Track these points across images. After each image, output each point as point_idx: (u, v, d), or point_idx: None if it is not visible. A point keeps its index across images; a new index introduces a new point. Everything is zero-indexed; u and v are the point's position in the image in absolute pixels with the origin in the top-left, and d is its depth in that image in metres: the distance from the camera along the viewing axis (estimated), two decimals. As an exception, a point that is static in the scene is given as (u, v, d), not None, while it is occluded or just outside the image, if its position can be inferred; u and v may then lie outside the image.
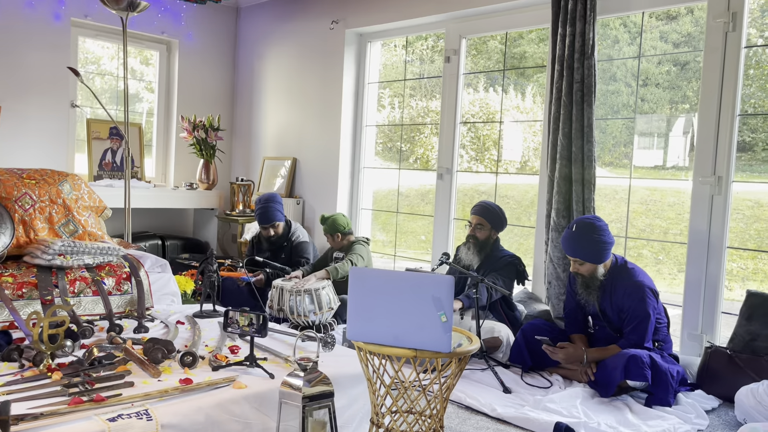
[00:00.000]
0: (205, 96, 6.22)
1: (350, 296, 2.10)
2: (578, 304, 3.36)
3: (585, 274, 3.22)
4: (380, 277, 2.08)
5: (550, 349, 3.22)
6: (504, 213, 3.93)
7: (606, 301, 3.25)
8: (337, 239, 4.44)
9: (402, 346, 2.03)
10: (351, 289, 2.10)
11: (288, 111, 5.86)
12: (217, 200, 5.98)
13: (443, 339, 1.99)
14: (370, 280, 2.08)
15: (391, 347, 2.03)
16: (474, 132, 6.55)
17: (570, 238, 3.21)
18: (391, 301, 2.04)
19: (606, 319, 3.28)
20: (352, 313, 2.12)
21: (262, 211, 4.50)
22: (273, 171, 5.94)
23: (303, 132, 5.71)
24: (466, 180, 6.71)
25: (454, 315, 3.59)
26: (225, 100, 6.37)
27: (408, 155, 6.70)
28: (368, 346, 2.06)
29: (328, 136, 5.47)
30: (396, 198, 5.75)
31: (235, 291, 4.37)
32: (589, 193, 3.74)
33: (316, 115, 5.59)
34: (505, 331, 3.60)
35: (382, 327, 2.06)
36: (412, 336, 2.03)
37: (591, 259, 3.17)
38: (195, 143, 5.78)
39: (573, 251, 3.20)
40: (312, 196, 5.62)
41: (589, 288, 3.22)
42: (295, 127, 5.78)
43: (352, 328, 2.11)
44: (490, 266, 3.81)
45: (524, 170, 6.26)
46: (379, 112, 5.97)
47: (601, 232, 3.17)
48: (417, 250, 6.56)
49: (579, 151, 3.76)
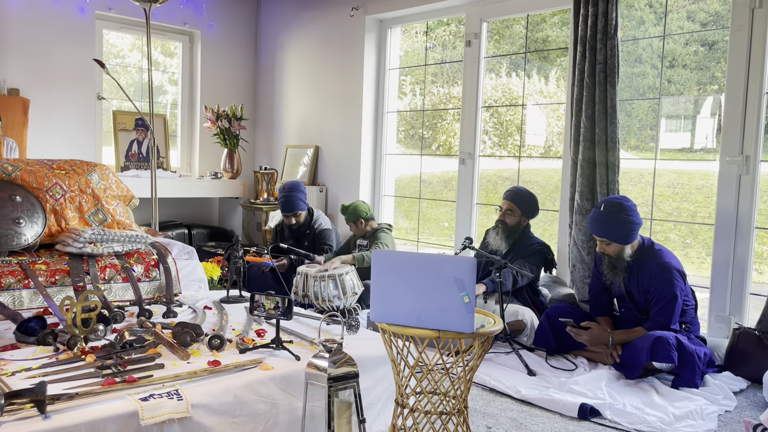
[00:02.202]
0: (227, 86, 6.27)
1: (373, 278, 2.12)
2: (604, 286, 3.35)
3: (612, 254, 3.20)
4: (402, 260, 2.10)
5: (574, 330, 3.21)
6: (536, 200, 3.90)
7: (632, 282, 3.23)
8: (361, 226, 4.46)
9: (425, 327, 2.05)
10: (374, 271, 2.12)
11: (309, 99, 5.88)
12: (241, 189, 6.03)
13: (466, 320, 2.00)
14: (392, 263, 2.10)
15: (414, 328, 2.04)
16: (497, 117, 6.51)
17: (597, 217, 3.19)
18: (413, 283, 2.06)
19: (632, 300, 3.27)
20: (375, 295, 2.14)
21: (284, 199, 4.54)
22: (296, 159, 5.98)
23: (325, 120, 5.73)
24: (489, 165, 6.67)
25: (478, 299, 3.60)
26: (247, 90, 6.42)
27: (430, 142, 6.69)
28: (392, 327, 2.08)
29: (349, 124, 5.49)
30: (418, 184, 5.76)
31: (260, 277, 4.42)
32: (614, 176, 3.72)
33: (337, 103, 5.61)
34: (529, 314, 3.60)
35: (405, 308, 2.08)
36: (434, 317, 2.04)
37: (618, 239, 3.16)
38: (219, 133, 5.84)
39: (600, 231, 3.18)
40: (334, 183, 5.65)
41: (615, 269, 3.21)
42: (316, 115, 5.81)
43: (375, 310, 2.14)
44: (519, 253, 3.81)
45: (548, 155, 6.21)
46: (401, 99, 5.97)
47: (630, 212, 3.15)
48: (440, 236, 6.56)
49: (602, 133, 3.73)
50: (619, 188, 3.74)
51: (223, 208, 6.41)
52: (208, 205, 6.42)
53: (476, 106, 4.75)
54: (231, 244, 3.36)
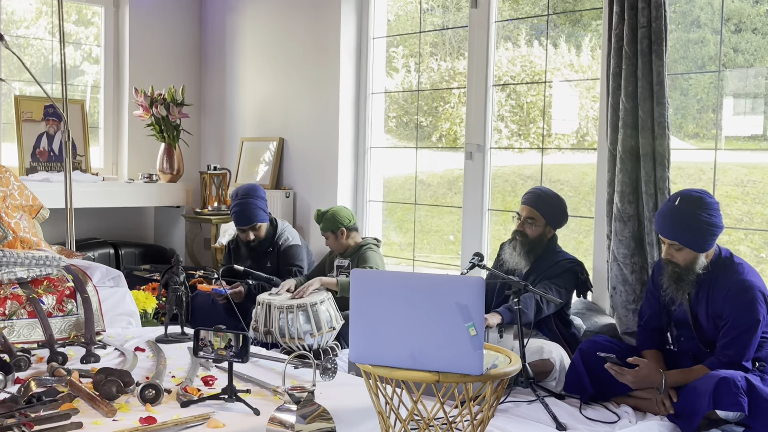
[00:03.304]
0: (164, 63, 6.26)
1: (353, 307, 2.14)
2: (661, 308, 3.37)
3: (680, 263, 3.21)
4: (390, 281, 2.12)
5: (615, 368, 3.22)
6: (564, 204, 3.93)
7: (700, 302, 3.24)
8: (341, 238, 4.47)
9: (421, 369, 2.06)
10: (353, 297, 2.14)
11: (272, 78, 5.90)
12: (183, 195, 6.03)
13: (473, 357, 2.02)
14: (377, 286, 2.12)
15: (406, 370, 2.06)
16: (514, 98, 6.56)
17: (670, 214, 3.20)
18: (404, 311, 2.08)
19: (697, 327, 3.28)
20: (355, 329, 2.15)
21: (239, 208, 4.54)
22: (254, 156, 5.97)
23: (291, 105, 5.74)
24: (505, 160, 6.71)
25: (492, 333, 3.61)
26: (190, 67, 6.42)
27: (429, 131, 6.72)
28: (377, 369, 2.09)
29: (323, 109, 5.50)
30: (414, 187, 5.78)
31: (208, 309, 4.43)
32: (663, 171, 3.75)
33: (307, 83, 5.62)
34: (557, 351, 3.62)
35: (395, 345, 2.09)
36: (433, 355, 2.06)
37: (693, 244, 3.16)
38: (153, 123, 5.82)
39: (671, 232, 3.19)
40: (305, 186, 5.65)
41: (680, 282, 3.21)
42: (281, 98, 5.82)
43: (356, 348, 2.14)
44: (543, 272, 3.82)
45: (581, 146, 6.26)
46: (390, 76, 6.00)
47: (712, 211, 3.16)
48: (443, 253, 6.58)
49: (647, 116, 3.77)
50: (671, 186, 3.76)
51: (161, 221, 6.40)
52: (140, 217, 6.40)
53: (487, 85, 4.79)
54: (170, 267, 3.37)
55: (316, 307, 3.87)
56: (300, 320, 3.82)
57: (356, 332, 2.16)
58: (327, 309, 3.93)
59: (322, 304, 3.91)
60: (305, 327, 3.82)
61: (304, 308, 3.85)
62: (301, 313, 3.84)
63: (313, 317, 3.84)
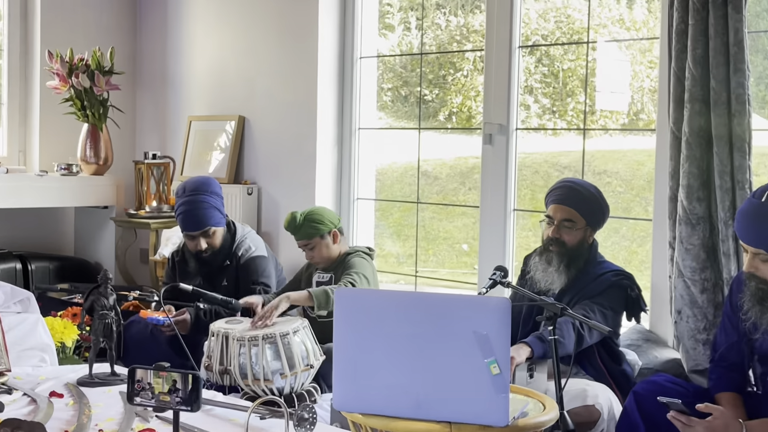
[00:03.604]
0: (87, 18, 6.24)
1: (337, 336, 2.14)
2: (741, 338, 3.37)
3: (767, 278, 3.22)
4: (386, 303, 2.12)
5: (682, 419, 3.22)
6: (604, 198, 3.96)
7: (793, 329, 3.26)
8: (321, 249, 4.46)
9: (427, 419, 2.06)
10: (338, 324, 2.14)
11: (228, 39, 5.89)
12: (113, 192, 6.00)
13: (496, 404, 2.03)
14: (368, 308, 2.12)
15: (408, 421, 2.06)
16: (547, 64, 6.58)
17: (754, 213, 3.17)
18: (405, 343, 2.09)
19: (788, 360, 3.29)
20: (340, 367, 2.15)
21: (186, 209, 4.53)
22: (206, 140, 5.96)
23: (255, 74, 5.73)
24: (535, 145, 6.73)
25: (519, 371, 3.61)
26: (122, 24, 6.40)
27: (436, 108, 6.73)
28: (370, 420, 2.10)
29: (296, 80, 5.49)
30: (416, 180, 5.79)
31: (146, 342, 4.40)
32: (742, 159, 3.74)
33: (275, 45, 5.61)
34: (605, 395, 3.61)
35: (393, 388, 2.09)
36: (443, 401, 2.07)
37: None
38: (73, 97, 5.80)
39: (756, 237, 3.17)
40: (272, 180, 5.64)
41: (766, 302, 3.20)
42: (240, 65, 5.81)
43: (341, 392, 2.14)
44: (581, 290, 3.83)
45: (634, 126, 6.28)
46: (383, 36, 6.01)
47: None
48: (455, 266, 6.59)
49: (721, 87, 3.77)
50: (753, 179, 3.76)
51: (83, 226, 6.37)
52: (56, 221, 6.39)
53: (511, 47, 4.79)
54: (96, 287, 3.36)
55: (288, 339, 3.85)
56: (267, 356, 3.80)
57: (342, 370, 2.16)
58: (302, 341, 3.90)
59: (296, 335, 3.88)
60: (274, 365, 3.80)
61: (273, 340, 3.83)
62: (268, 346, 3.82)
63: (285, 352, 3.82)
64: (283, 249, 5.46)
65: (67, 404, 3.00)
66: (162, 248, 5.53)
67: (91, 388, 3.15)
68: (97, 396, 3.05)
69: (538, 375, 3.64)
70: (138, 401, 2.41)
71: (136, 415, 2.82)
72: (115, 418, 2.84)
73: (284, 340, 3.85)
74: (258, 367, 3.80)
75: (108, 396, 3.06)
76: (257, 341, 3.81)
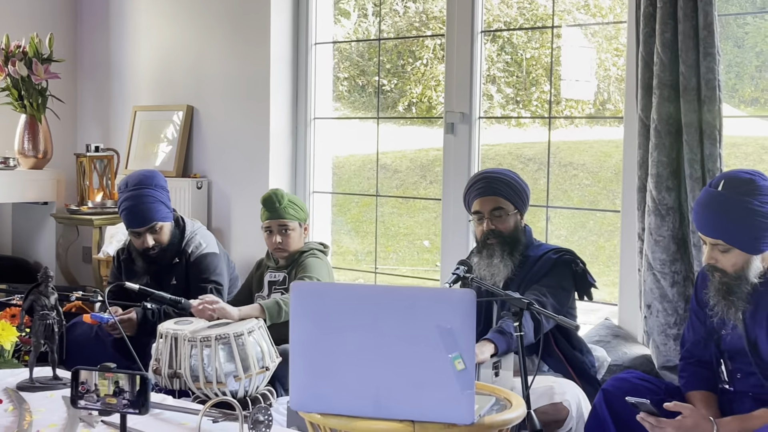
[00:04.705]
0: (23, 4, 6.21)
1: (294, 334, 2.10)
2: (708, 334, 3.38)
3: (728, 269, 3.22)
4: (345, 298, 2.11)
5: (651, 420, 3.22)
6: (522, 179, 4.01)
7: (759, 324, 3.26)
8: (294, 236, 4.48)
9: (389, 418, 2.05)
10: (294, 320, 2.10)
11: (175, 23, 5.87)
12: (53, 187, 5.99)
13: (460, 401, 2.02)
14: (327, 304, 2.11)
15: (369, 420, 2.05)
16: (511, 52, 6.57)
17: (711, 202, 3.20)
18: (365, 339, 2.08)
19: (756, 356, 3.30)
20: (297, 365, 2.13)
21: (130, 203, 4.49)
22: (152, 132, 5.96)
23: (203, 61, 5.73)
24: (499, 137, 6.74)
25: (484, 368, 3.60)
26: (61, 9, 6.38)
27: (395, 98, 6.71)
28: (329, 420, 2.08)
29: (248, 66, 5.50)
30: (375, 173, 5.75)
31: (90, 345, 4.37)
32: (712, 147, 3.78)
33: (226, 30, 5.61)
34: (573, 392, 3.62)
35: (353, 387, 2.09)
36: (405, 399, 2.06)
37: (743, 243, 3.17)
38: (9, 86, 5.78)
39: (712, 227, 3.20)
40: (223, 173, 5.64)
41: (730, 296, 3.22)
42: (188, 52, 5.81)
43: (298, 392, 2.11)
44: (526, 275, 3.87)
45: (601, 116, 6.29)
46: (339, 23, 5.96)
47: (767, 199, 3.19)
48: (416, 263, 6.58)
49: (691, 72, 3.79)
50: (723, 168, 3.79)
51: (22, 223, 6.34)
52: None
53: (473, 32, 4.79)
54: (36, 285, 3.31)
55: (243, 339, 3.81)
56: (220, 357, 3.76)
57: (299, 369, 2.14)
58: (257, 342, 3.87)
59: (251, 335, 3.85)
60: (227, 367, 3.76)
61: (226, 340, 3.79)
62: (221, 347, 3.78)
63: (239, 353, 3.78)
64: (236, 246, 5.44)
65: (6, 410, 2.97)
66: (106, 246, 5.52)
67: (31, 392, 3.13)
68: (39, 401, 3.03)
69: (503, 372, 3.65)
70: (82, 404, 2.38)
71: (80, 420, 2.81)
72: (58, 424, 2.82)
73: (238, 340, 3.81)
74: (210, 369, 3.75)
75: (50, 401, 3.05)
76: (209, 342, 3.77)
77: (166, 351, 3.86)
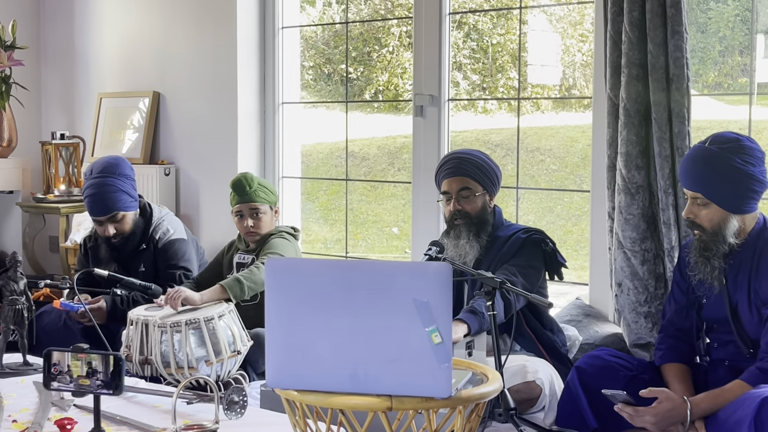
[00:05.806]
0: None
1: (269, 310, 2.11)
2: (690, 303, 3.42)
3: (705, 225, 3.25)
4: (320, 273, 2.10)
5: (629, 410, 3.23)
6: (493, 161, 4.03)
7: (740, 288, 3.29)
8: (265, 219, 4.50)
9: (366, 393, 2.05)
10: (269, 296, 2.11)
11: (140, 8, 5.84)
12: (18, 176, 5.97)
13: (437, 375, 2.02)
14: (301, 280, 2.10)
15: (346, 395, 2.05)
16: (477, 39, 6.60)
17: (695, 156, 3.26)
18: (341, 314, 2.08)
19: (737, 321, 3.33)
20: (273, 342, 2.13)
21: (93, 191, 4.49)
22: (118, 118, 5.93)
23: (169, 46, 5.71)
24: (467, 123, 6.78)
25: (458, 348, 3.60)
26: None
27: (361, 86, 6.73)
28: (305, 396, 2.08)
29: (214, 51, 5.48)
30: (343, 160, 5.77)
31: (59, 333, 4.37)
32: (681, 125, 3.81)
33: (191, 15, 5.59)
34: (544, 370, 3.64)
35: (329, 362, 2.09)
36: (382, 374, 2.06)
37: (722, 199, 3.21)
38: (-29, 75, 5.75)
39: (693, 179, 3.25)
40: (191, 159, 5.63)
41: (708, 253, 3.24)
42: (154, 37, 5.78)
43: (274, 368, 2.12)
44: (495, 255, 3.90)
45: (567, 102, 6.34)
46: (305, 10, 5.97)
47: (752, 159, 3.21)
48: (386, 250, 6.60)
49: (659, 50, 3.82)
50: (692, 146, 3.83)
51: (-13, 212, 6.28)
52: (-43, 209, 6.26)
53: (440, 17, 4.81)
54: (4, 270, 3.36)
55: (213, 324, 3.82)
56: (191, 342, 3.76)
57: (275, 346, 2.14)
58: (228, 326, 3.88)
59: (222, 319, 3.86)
60: (198, 352, 3.76)
61: (197, 325, 3.79)
62: (192, 332, 3.78)
63: (210, 338, 3.79)
64: (204, 232, 5.44)
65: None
66: (73, 234, 5.49)
67: (1, 378, 3.14)
68: (10, 386, 3.04)
69: (476, 353, 3.66)
70: (55, 386, 2.38)
71: (52, 405, 2.80)
72: (30, 408, 2.83)
73: (209, 325, 3.81)
74: (181, 354, 3.76)
75: (21, 386, 3.05)
76: (180, 327, 3.77)
77: (136, 337, 3.85)
